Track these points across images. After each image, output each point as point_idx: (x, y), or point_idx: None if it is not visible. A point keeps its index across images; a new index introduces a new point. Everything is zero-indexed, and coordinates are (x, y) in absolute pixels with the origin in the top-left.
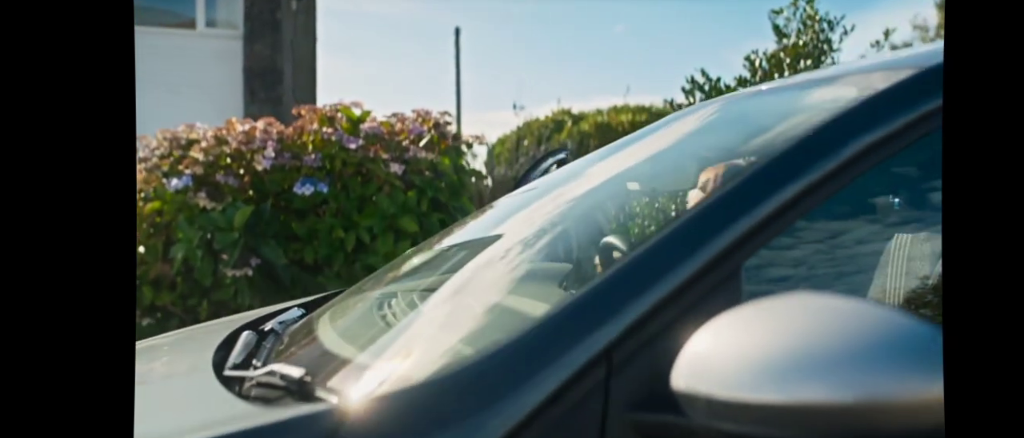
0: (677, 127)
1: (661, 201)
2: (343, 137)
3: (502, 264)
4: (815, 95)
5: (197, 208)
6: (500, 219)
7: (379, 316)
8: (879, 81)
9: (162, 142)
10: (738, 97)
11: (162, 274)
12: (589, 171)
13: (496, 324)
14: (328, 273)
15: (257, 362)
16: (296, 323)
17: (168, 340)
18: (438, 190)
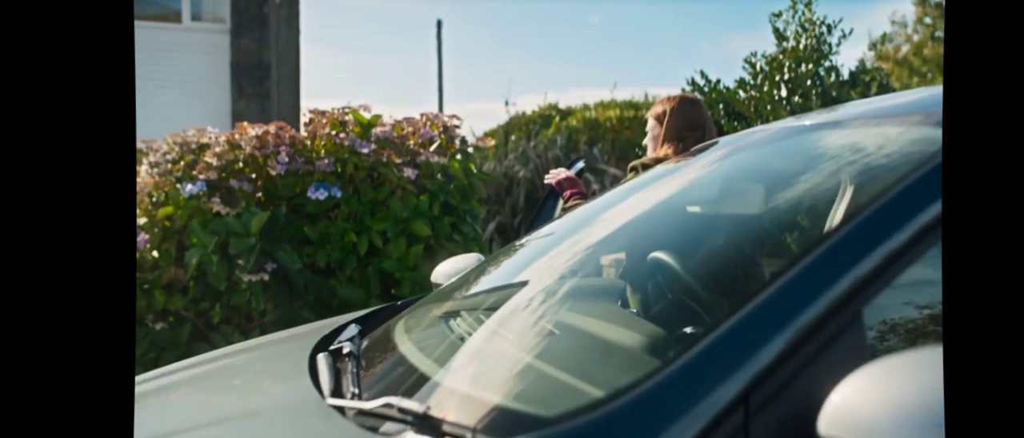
0: (729, 153)
1: (734, 223)
2: (355, 141)
3: (565, 285)
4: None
5: (210, 213)
6: (559, 238)
7: (462, 338)
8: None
9: (173, 146)
10: (791, 129)
11: (175, 278)
12: (640, 193)
13: (604, 358)
14: (340, 277)
15: (354, 389)
16: (369, 343)
17: (234, 361)
18: (449, 194)
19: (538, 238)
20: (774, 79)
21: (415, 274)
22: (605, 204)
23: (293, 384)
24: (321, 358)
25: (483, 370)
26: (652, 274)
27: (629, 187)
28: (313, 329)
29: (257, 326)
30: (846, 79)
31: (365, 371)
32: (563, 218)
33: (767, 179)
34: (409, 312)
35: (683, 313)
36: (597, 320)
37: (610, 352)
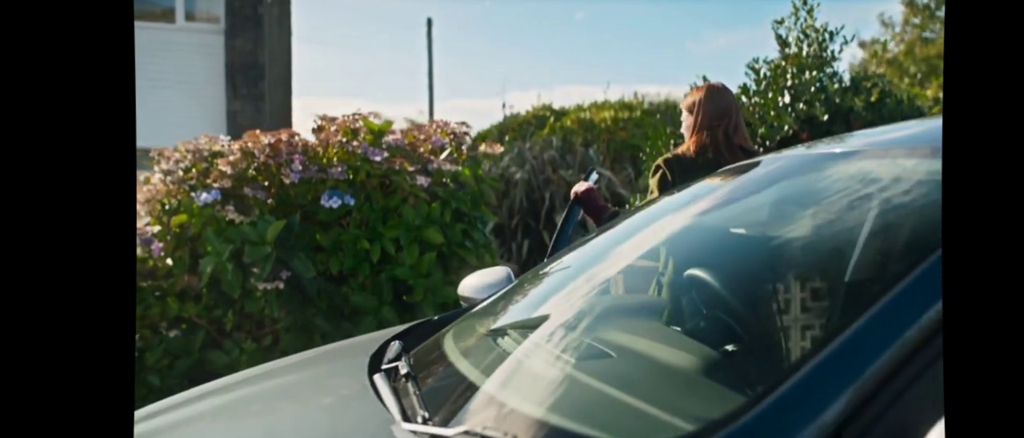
0: (771, 175)
1: (784, 247)
2: (368, 149)
3: (610, 303)
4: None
5: (224, 221)
6: (598, 254)
7: (521, 361)
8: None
9: (185, 154)
10: (835, 154)
11: (188, 286)
12: (678, 211)
13: (679, 386)
14: (352, 284)
15: (424, 412)
16: (423, 364)
17: (284, 380)
18: (461, 201)
19: (577, 254)
20: (778, 85)
21: (428, 281)
22: (645, 220)
23: (356, 406)
24: (379, 379)
25: (557, 398)
26: (700, 293)
27: (667, 204)
28: (353, 345)
29: (269, 333)
30: (848, 85)
31: (428, 394)
32: (604, 232)
33: (814, 204)
34: (457, 330)
35: (741, 336)
36: (652, 342)
37: (681, 379)
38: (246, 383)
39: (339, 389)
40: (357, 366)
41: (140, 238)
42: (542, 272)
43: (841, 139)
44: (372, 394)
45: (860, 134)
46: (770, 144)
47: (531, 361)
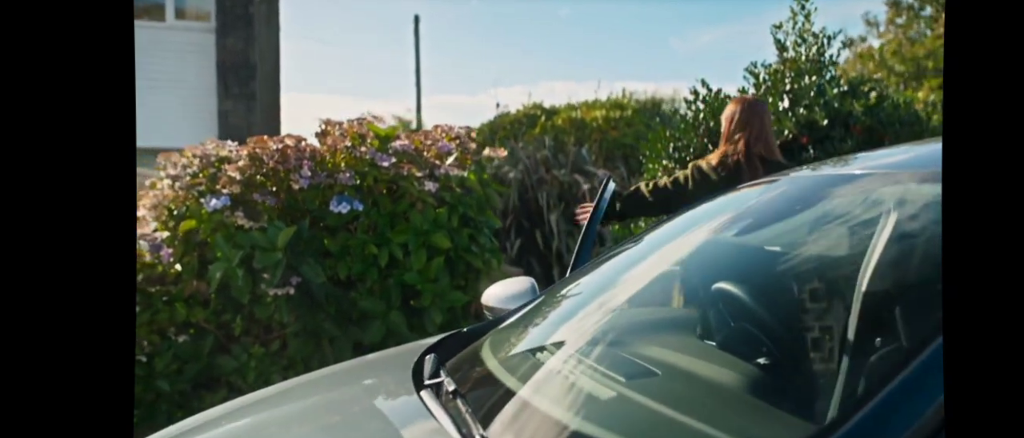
0: (803, 194)
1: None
2: (375, 155)
3: (640, 316)
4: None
5: (234, 226)
6: (622, 268)
7: (572, 380)
8: None
9: (192, 160)
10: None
11: (197, 291)
12: (705, 225)
13: (741, 410)
14: (360, 289)
15: (482, 433)
16: (469, 381)
17: (330, 396)
18: (468, 206)
19: (603, 268)
20: (777, 90)
21: (435, 286)
22: (667, 235)
23: (411, 423)
24: (427, 396)
25: (617, 420)
26: (730, 307)
27: (693, 217)
28: (387, 358)
29: (277, 338)
30: (846, 90)
31: (479, 412)
32: (634, 245)
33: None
34: (494, 343)
35: (776, 352)
36: (693, 358)
37: (733, 399)
38: (286, 398)
39: (388, 404)
40: (399, 380)
41: (149, 244)
42: (569, 285)
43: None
44: (422, 411)
45: (873, 156)
46: None
47: (579, 379)
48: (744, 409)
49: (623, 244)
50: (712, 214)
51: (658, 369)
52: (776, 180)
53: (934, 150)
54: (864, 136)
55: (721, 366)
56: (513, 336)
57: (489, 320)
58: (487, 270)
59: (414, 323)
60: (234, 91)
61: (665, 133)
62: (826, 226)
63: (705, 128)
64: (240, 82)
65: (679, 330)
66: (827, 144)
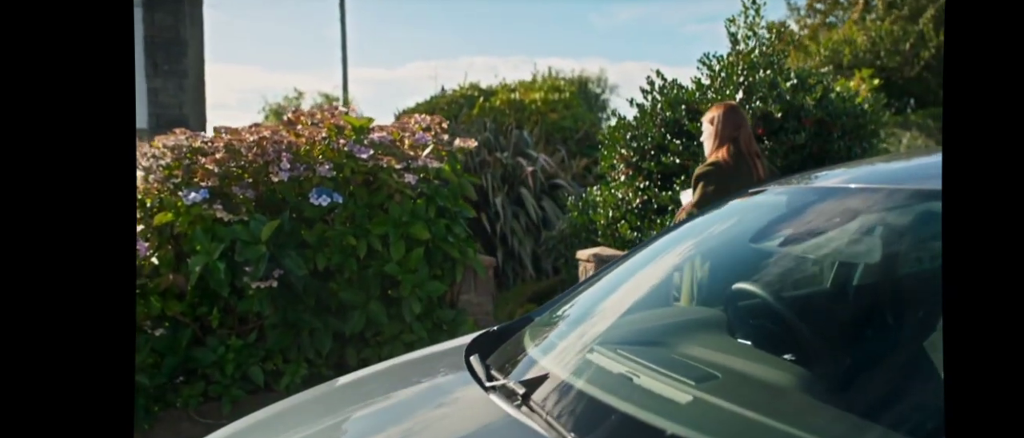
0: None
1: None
2: (353, 147)
3: (673, 316)
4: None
5: (212, 218)
6: (651, 265)
7: (643, 382)
8: None
9: (164, 151)
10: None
11: (173, 284)
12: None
13: (800, 408)
14: (339, 279)
15: (571, 435)
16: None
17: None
18: (444, 197)
19: (632, 263)
20: (732, 82)
21: (414, 277)
22: (687, 235)
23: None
24: (497, 399)
25: (706, 422)
26: (760, 309)
27: (718, 216)
28: (425, 360)
29: (254, 328)
30: (796, 83)
31: (560, 414)
32: (653, 245)
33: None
34: (540, 343)
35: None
36: (744, 360)
37: (800, 401)
38: (344, 402)
39: (462, 408)
40: (459, 382)
41: None
42: (597, 283)
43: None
44: (499, 412)
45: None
46: None
47: (645, 381)
48: (814, 411)
49: (644, 244)
50: (738, 218)
51: (717, 372)
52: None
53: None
54: (814, 128)
55: (774, 368)
56: (555, 336)
57: (517, 319)
58: (463, 259)
59: (392, 312)
60: (164, 68)
61: (623, 123)
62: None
63: (662, 118)
64: (171, 59)
65: (712, 330)
66: (781, 135)
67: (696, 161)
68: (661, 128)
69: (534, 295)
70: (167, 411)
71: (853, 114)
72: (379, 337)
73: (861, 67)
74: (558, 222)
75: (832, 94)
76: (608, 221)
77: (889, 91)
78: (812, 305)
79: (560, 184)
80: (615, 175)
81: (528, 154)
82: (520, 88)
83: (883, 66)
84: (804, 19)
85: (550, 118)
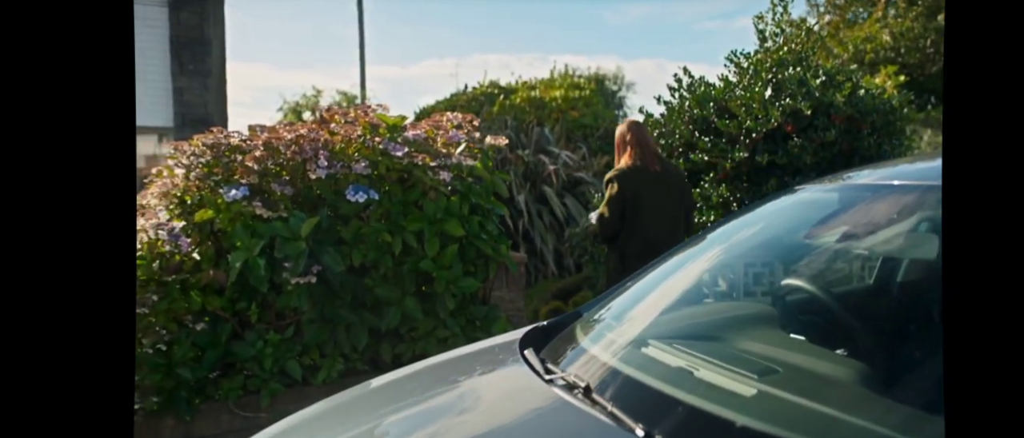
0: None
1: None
2: (388, 145)
3: (726, 311)
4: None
5: (251, 215)
6: (702, 259)
7: (706, 376)
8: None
9: (203, 149)
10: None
11: (213, 280)
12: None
13: (858, 400)
14: (375, 276)
15: (642, 427)
16: (592, 373)
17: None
18: (478, 194)
19: (683, 256)
20: (761, 79)
21: (449, 273)
22: (733, 231)
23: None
24: (561, 391)
25: (774, 415)
26: (810, 304)
27: (765, 213)
28: (476, 355)
29: (291, 323)
30: (825, 80)
31: (625, 406)
32: (710, 237)
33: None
34: (596, 337)
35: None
36: (800, 354)
37: (858, 394)
38: (401, 397)
39: (520, 398)
40: (519, 376)
41: (167, 233)
42: (646, 276)
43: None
44: (568, 406)
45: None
46: (755, 136)
47: (707, 375)
48: (875, 404)
49: (697, 236)
50: (786, 215)
51: (777, 366)
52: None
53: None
54: (844, 125)
55: (830, 362)
56: (607, 330)
57: (566, 314)
58: (496, 256)
59: (427, 308)
60: (189, 67)
61: (650, 121)
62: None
63: (690, 116)
64: (195, 58)
65: (765, 325)
66: (810, 132)
67: (724, 158)
68: (689, 125)
69: (558, 292)
70: (207, 404)
71: (883, 111)
72: (414, 333)
73: (883, 64)
74: (581, 219)
75: (861, 91)
76: None
77: (910, 88)
78: (863, 299)
79: (583, 179)
80: None
81: (550, 151)
82: (540, 86)
83: (904, 63)
84: (823, 16)
85: (571, 116)
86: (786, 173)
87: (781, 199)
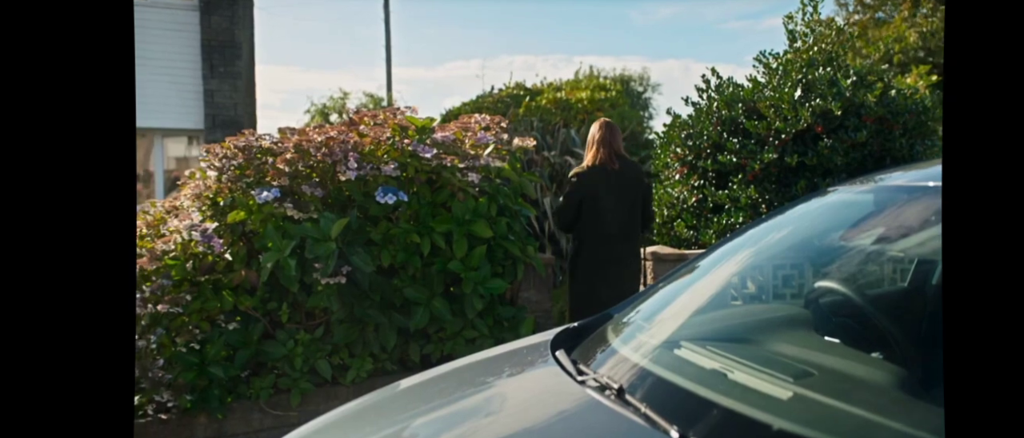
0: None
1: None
2: (417, 147)
3: (758, 314)
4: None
5: (282, 216)
6: (733, 261)
7: (741, 378)
8: None
9: (235, 152)
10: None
11: (245, 280)
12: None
13: (896, 404)
14: (403, 276)
15: (677, 428)
16: (626, 375)
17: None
18: (506, 195)
19: (714, 257)
20: (791, 79)
21: (477, 274)
22: (763, 234)
23: (603, 426)
24: (594, 392)
25: (810, 418)
26: (841, 306)
27: (798, 215)
28: (506, 356)
29: (321, 323)
30: (856, 80)
31: (659, 407)
32: (739, 240)
33: None
34: (627, 338)
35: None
36: (834, 357)
37: (894, 398)
38: (436, 395)
39: (552, 399)
40: (551, 376)
41: (200, 234)
42: (676, 279)
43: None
44: (601, 407)
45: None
46: (785, 137)
47: (741, 377)
48: (912, 407)
49: (728, 238)
50: (819, 217)
51: (813, 369)
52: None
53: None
54: (875, 126)
55: (865, 365)
56: (639, 332)
57: (596, 316)
58: (523, 257)
59: (455, 309)
60: (219, 70)
61: (678, 122)
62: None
63: (718, 117)
64: (225, 61)
65: (798, 327)
66: (841, 133)
67: (753, 159)
68: (718, 126)
69: None
70: (239, 402)
71: (915, 111)
72: (442, 333)
73: (913, 64)
74: None
75: (892, 91)
76: (664, 219)
77: (939, 88)
78: (899, 302)
79: None
80: (669, 174)
81: (576, 153)
82: (566, 87)
83: (935, 62)
84: (852, 15)
85: (597, 117)
86: (816, 174)
87: (813, 201)
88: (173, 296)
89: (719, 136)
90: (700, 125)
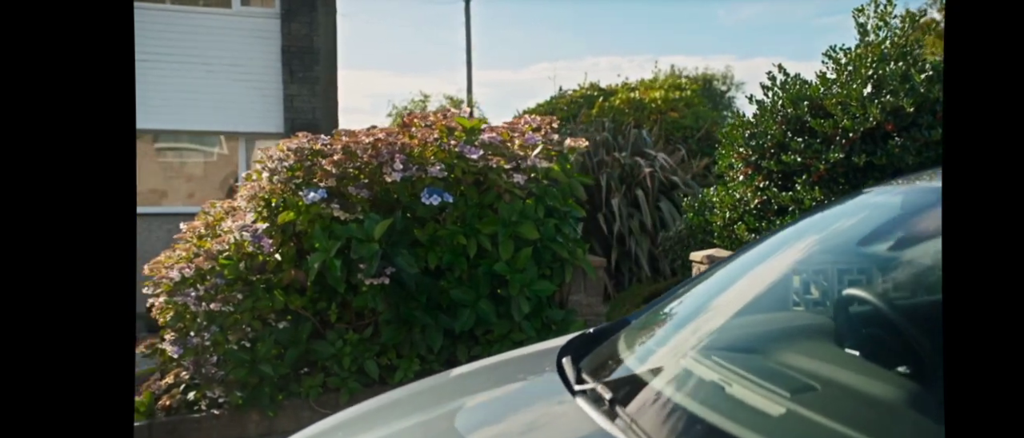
0: None
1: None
2: (464, 148)
3: (775, 323)
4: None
5: (330, 217)
6: (748, 271)
7: (737, 392)
8: None
9: (288, 153)
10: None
11: (294, 280)
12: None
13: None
14: (450, 278)
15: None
16: (621, 387)
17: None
18: (554, 197)
19: (732, 267)
20: (861, 75)
21: (523, 276)
22: (785, 241)
23: None
24: (584, 403)
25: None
26: (869, 316)
27: (827, 218)
28: (517, 361)
29: (370, 324)
30: (932, 75)
31: (644, 422)
32: (763, 246)
33: None
34: (635, 348)
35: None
36: (844, 370)
37: (903, 417)
38: (431, 402)
39: (550, 410)
40: (549, 384)
41: (251, 234)
42: (694, 287)
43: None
44: (586, 419)
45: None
46: (852, 135)
47: (738, 391)
48: (922, 431)
49: (746, 247)
50: (849, 220)
51: (817, 383)
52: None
53: None
54: None
55: (881, 382)
56: (651, 341)
57: (614, 321)
58: (572, 260)
59: (501, 311)
60: (298, 75)
61: (741, 121)
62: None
63: (783, 115)
64: (304, 66)
65: (817, 338)
66: (913, 131)
67: (818, 159)
68: (782, 125)
69: (650, 296)
70: (289, 400)
71: None
72: (489, 336)
73: None
74: (675, 223)
75: None
76: (725, 222)
77: None
78: (930, 314)
79: (676, 183)
80: (733, 174)
81: (646, 153)
82: (640, 87)
83: None
84: (924, 11)
85: (670, 117)
86: (885, 175)
87: (848, 203)
88: (226, 295)
89: (783, 135)
90: (763, 124)
